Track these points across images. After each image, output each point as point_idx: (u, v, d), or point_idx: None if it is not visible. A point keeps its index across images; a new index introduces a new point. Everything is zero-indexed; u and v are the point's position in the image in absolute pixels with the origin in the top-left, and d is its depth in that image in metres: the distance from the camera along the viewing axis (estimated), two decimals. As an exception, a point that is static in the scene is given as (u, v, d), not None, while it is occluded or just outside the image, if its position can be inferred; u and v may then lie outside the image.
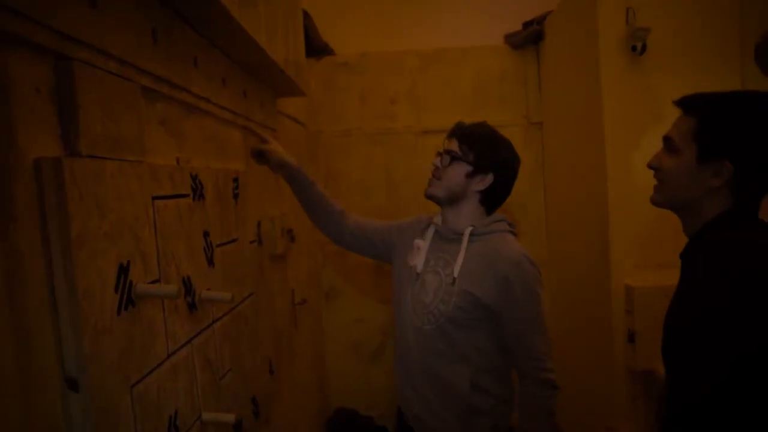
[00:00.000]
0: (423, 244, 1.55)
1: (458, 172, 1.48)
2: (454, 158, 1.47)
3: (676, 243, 1.18)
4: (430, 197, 1.53)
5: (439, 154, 1.51)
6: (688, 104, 1.12)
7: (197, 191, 1.12)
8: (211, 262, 1.18)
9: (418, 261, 1.53)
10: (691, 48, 2.17)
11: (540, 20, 2.93)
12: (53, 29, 0.68)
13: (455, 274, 1.44)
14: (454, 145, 1.49)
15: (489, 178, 1.48)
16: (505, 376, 1.53)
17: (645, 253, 2.19)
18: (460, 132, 1.51)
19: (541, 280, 1.45)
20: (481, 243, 1.47)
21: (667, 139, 1.13)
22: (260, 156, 1.61)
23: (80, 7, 0.74)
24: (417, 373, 1.51)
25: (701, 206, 1.09)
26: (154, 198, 0.92)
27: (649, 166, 1.17)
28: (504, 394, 1.50)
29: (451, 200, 1.50)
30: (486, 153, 1.47)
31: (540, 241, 3.05)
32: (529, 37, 2.98)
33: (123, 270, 0.80)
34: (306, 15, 2.57)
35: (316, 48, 2.94)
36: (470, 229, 1.48)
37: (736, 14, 2.17)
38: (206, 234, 1.16)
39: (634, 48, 2.14)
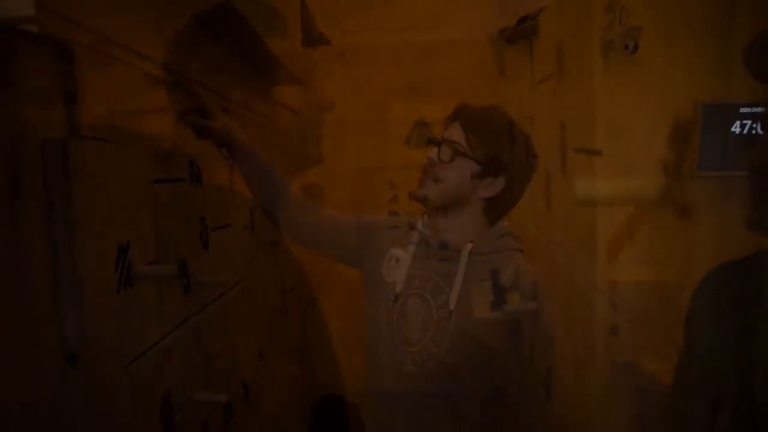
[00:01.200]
0: (404, 256, 1.22)
1: (462, 171, 1.14)
2: (457, 152, 1.13)
3: (660, 240, 1.17)
4: (422, 200, 1.18)
5: (437, 143, 1.15)
6: None
7: (194, 176, 1.14)
8: (206, 245, 1.20)
9: (398, 277, 1.21)
10: (683, 48, 2.19)
11: (535, 16, 2.95)
12: (57, 14, 0.70)
13: (451, 306, 1.13)
14: (458, 134, 1.14)
15: (499, 183, 1.15)
16: None
17: (630, 248, 2.23)
18: (465, 117, 1.16)
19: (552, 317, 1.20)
20: (484, 264, 1.15)
21: None
22: (199, 131, 1.17)
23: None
24: (396, 422, 1.21)
25: None
26: (154, 181, 0.94)
27: None
28: None
29: (447, 206, 1.18)
30: (499, 149, 1.14)
31: (527, 235, 3.09)
32: (524, 32, 3.00)
33: (123, 250, 0.82)
34: (303, 4, 2.57)
35: (312, 37, 2.94)
36: (470, 246, 1.16)
37: (728, 16, 2.20)
38: (203, 218, 1.18)
39: (626, 47, 2.17)
